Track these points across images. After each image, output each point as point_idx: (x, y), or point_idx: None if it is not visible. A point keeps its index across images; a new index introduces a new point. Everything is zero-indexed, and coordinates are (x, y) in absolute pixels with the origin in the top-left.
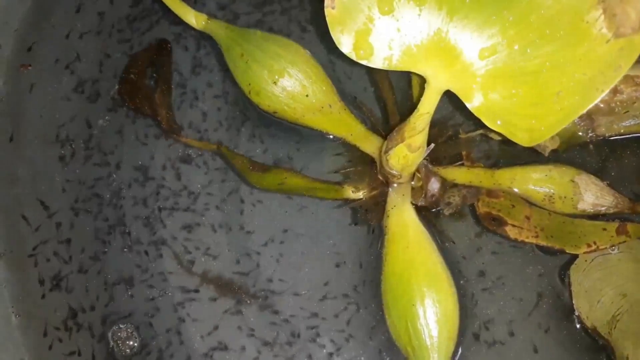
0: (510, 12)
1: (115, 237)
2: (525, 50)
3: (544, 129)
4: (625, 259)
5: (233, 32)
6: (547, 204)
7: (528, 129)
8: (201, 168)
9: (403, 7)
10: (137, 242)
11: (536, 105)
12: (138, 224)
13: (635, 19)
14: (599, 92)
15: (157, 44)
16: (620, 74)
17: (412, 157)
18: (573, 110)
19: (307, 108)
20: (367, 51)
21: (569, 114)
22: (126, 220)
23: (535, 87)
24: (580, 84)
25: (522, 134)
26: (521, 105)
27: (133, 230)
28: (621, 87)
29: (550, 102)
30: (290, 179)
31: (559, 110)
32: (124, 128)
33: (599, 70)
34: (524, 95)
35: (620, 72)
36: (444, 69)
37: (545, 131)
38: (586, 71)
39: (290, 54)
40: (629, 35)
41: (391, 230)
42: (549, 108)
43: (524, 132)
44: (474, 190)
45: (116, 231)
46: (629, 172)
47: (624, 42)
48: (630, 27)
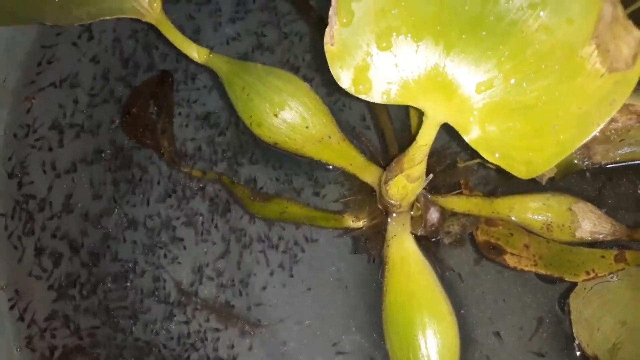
0: (505, 47)
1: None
2: (522, 84)
3: (541, 161)
4: (624, 287)
5: (234, 65)
6: (546, 232)
7: (526, 161)
8: (203, 198)
9: (401, 42)
10: (136, 271)
11: (533, 138)
12: (138, 253)
13: (628, 55)
14: (594, 125)
15: (159, 76)
16: (615, 108)
17: (411, 187)
18: (570, 143)
19: (307, 139)
20: (366, 86)
21: (566, 147)
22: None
23: (532, 121)
24: (576, 118)
25: (520, 167)
26: (518, 138)
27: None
28: (616, 116)
29: (547, 135)
30: (291, 208)
31: (556, 144)
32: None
33: (594, 104)
34: (521, 129)
35: (616, 106)
36: (441, 102)
37: (543, 164)
38: (582, 105)
39: (290, 86)
40: (623, 71)
41: (392, 260)
42: (546, 141)
43: (522, 165)
44: (473, 219)
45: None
46: (625, 200)
47: (618, 76)
48: (623, 63)
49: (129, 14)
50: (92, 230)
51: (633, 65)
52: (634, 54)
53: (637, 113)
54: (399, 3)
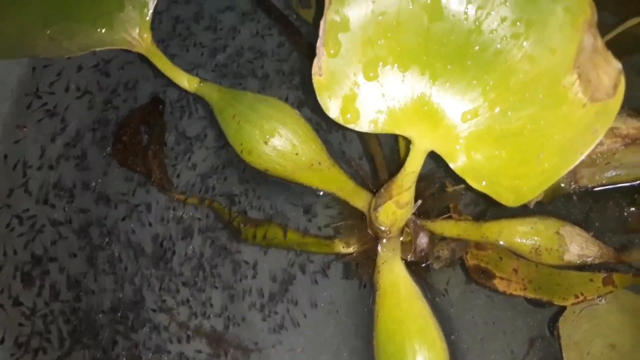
0: (490, 76)
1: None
2: (507, 113)
3: (527, 189)
4: (613, 310)
5: (225, 94)
6: (534, 256)
7: (512, 189)
8: (194, 224)
9: (387, 72)
10: (127, 300)
11: (519, 167)
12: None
13: (608, 85)
14: (578, 154)
15: (150, 102)
16: (597, 137)
17: (401, 213)
18: (555, 171)
19: (298, 166)
20: (354, 115)
21: (551, 175)
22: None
23: (517, 149)
24: (561, 146)
25: (507, 194)
26: (505, 166)
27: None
28: (602, 139)
29: (533, 164)
30: (281, 234)
31: (541, 172)
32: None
33: (578, 133)
34: (507, 157)
35: (598, 135)
36: (428, 131)
37: (529, 192)
38: (565, 134)
39: (280, 114)
40: (604, 100)
41: (382, 286)
42: (531, 169)
43: (509, 193)
44: (462, 243)
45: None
46: (612, 222)
47: (600, 106)
48: (604, 92)
49: (120, 45)
50: (81, 257)
51: (614, 95)
52: (614, 84)
53: (621, 136)
54: (385, 34)
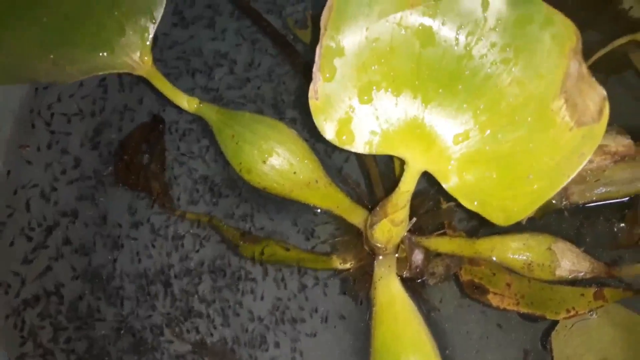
0: (481, 100)
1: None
2: (497, 136)
3: (517, 209)
4: (604, 324)
5: (224, 115)
6: (526, 271)
7: (503, 209)
8: (194, 241)
9: (381, 96)
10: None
11: (509, 188)
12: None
13: (593, 110)
14: (565, 176)
15: (150, 121)
16: (583, 161)
17: (396, 230)
18: (543, 192)
19: (295, 184)
20: (349, 137)
21: (540, 196)
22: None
23: (507, 170)
24: (549, 168)
25: (498, 214)
26: (495, 187)
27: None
28: (591, 157)
29: (522, 185)
30: (280, 250)
31: (530, 193)
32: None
33: (565, 156)
34: (497, 178)
35: (584, 158)
36: (421, 152)
37: (519, 212)
38: (553, 156)
39: (278, 134)
40: (590, 125)
41: (378, 302)
42: (521, 190)
43: (500, 212)
44: (457, 259)
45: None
46: (603, 238)
47: (586, 130)
48: (590, 117)
49: (121, 68)
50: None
51: (599, 120)
52: (599, 109)
53: (611, 153)
54: (379, 59)
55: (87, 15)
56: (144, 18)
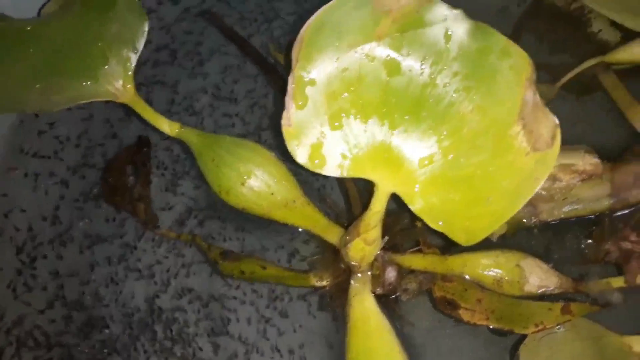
0: (444, 126)
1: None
2: (459, 160)
3: (477, 230)
4: (571, 338)
5: (204, 138)
6: (496, 287)
7: (465, 230)
8: (177, 259)
9: (351, 123)
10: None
11: (470, 209)
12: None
13: (547, 137)
14: (521, 200)
15: (136, 143)
16: (537, 185)
17: (369, 249)
18: (502, 214)
19: (273, 205)
20: (321, 161)
21: (498, 218)
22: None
23: (468, 193)
24: (507, 192)
25: (460, 234)
26: (457, 209)
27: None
28: (560, 176)
29: (482, 207)
30: (260, 268)
31: (490, 215)
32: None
33: (522, 179)
34: (459, 200)
35: (538, 183)
36: (389, 175)
37: (479, 233)
38: (511, 180)
39: (256, 156)
40: (544, 150)
41: (353, 318)
42: (481, 212)
43: (462, 233)
44: (430, 276)
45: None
46: (571, 254)
47: (540, 156)
48: (544, 143)
49: (104, 97)
50: (69, 294)
51: (552, 146)
52: (552, 136)
53: (578, 172)
54: (349, 88)
55: (73, 46)
56: (126, 48)
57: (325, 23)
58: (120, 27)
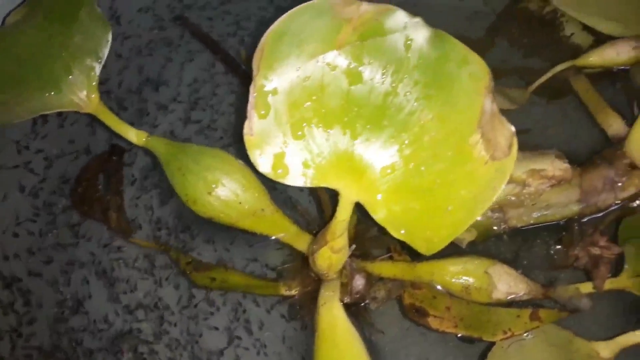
0: (405, 135)
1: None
2: (420, 169)
3: (437, 240)
4: (539, 344)
5: (172, 147)
6: (465, 294)
7: (425, 239)
8: (148, 268)
9: (313, 132)
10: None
11: (431, 218)
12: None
13: (504, 145)
14: (479, 209)
15: (108, 151)
16: (495, 194)
17: (336, 257)
18: (461, 224)
19: (241, 214)
20: (284, 171)
21: (457, 227)
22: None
23: (429, 202)
24: (466, 201)
25: (421, 243)
26: (418, 218)
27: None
28: (529, 181)
29: (442, 216)
30: (231, 277)
31: (449, 224)
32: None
33: (480, 188)
34: (420, 209)
35: (496, 192)
36: (352, 184)
37: (439, 242)
38: (470, 189)
39: (223, 165)
40: (501, 159)
41: (321, 327)
42: (441, 221)
43: (423, 242)
44: (399, 283)
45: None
46: (540, 260)
47: (498, 164)
48: (502, 152)
49: (68, 107)
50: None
51: (509, 155)
52: (509, 145)
53: (548, 177)
54: (311, 97)
55: (36, 57)
56: (89, 58)
57: (285, 32)
58: (83, 37)
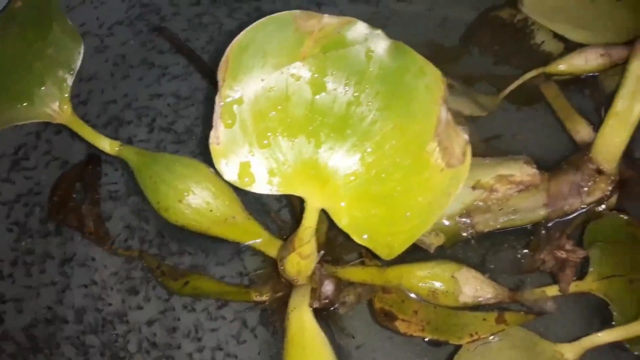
0: (367, 143)
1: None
2: (381, 176)
3: (397, 244)
4: (505, 347)
5: (143, 156)
6: (432, 298)
7: (386, 244)
8: (124, 275)
9: (278, 141)
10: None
11: (391, 225)
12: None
13: (459, 153)
14: (435, 215)
15: (86, 159)
16: (449, 201)
17: (305, 264)
18: (417, 230)
19: (213, 221)
20: (251, 179)
21: (414, 233)
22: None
23: (389, 209)
24: (423, 207)
25: (382, 249)
26: (379, 224)
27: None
28: (497, 186)
29: (401, 222)
30: (204, 284)
31: (407, 230)
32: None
33: (436, 195)
34: (381, 216)
35: (450, 198)
36: (317, 191)
37: (398, 246)
38: (427, 196)
39: (195, 173)
40: (456, 167)
41: (290, 332)
42: (400, 227)
43: (384, 247)
44: (368, 288)
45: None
46: (507, 264)
47: (453, 172)
48: (456, 160)
49: (40, 118)
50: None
51: (463, 162)
52: (463, 152)
53: (515, 183)
54: (276, 107)
55: (8, 68)
56: (62, 70)
57: (250, 44)
58: (56, 49)
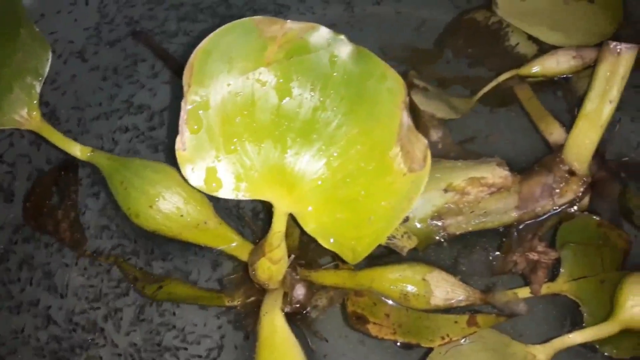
0: (333, 148)
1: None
2: (346, 180)
3: (361, 248)
4: (476, 349)
5: (114, 161)
6: (403, 301)
7: (351, 248)
8: (98, 281)
9: (245, 146)
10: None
11: (355, 228)
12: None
13: (420, 158)
14: (397, 219)
15: (62, 164)
16: (411, 205)
17: (275, 268)
18: (381, 233)
19: (184, 226)
20: (218, 184)
21: (378, 237)
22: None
23: (354, 213)
24: (386, 211)
25: (348, 253)
26: (344, 228)
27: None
28: (468, 189)
29: (365, 226)
30: (177, 288)
31: (372, 233)
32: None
33: (398, 200)
34: (346, 220)
35: (412, 203)
36: (284, 196)
37: (363, 250)
38: (390, 200)
39: (165, 179)
40: (417, 171)
41: (261, 336)
42: (364, 231)
43: (349, 251)
44: (341, 291)
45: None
46: (479, 266)
47: (414, 176)
48: (418, 164)
49: (9, 125)
50: None
51: (424, 167)
52: (424, 157)
53: (487, 185)
54: (242, 112)
55: None
56: (30, 76)
57: (214, 49)
58: (24, 56)
